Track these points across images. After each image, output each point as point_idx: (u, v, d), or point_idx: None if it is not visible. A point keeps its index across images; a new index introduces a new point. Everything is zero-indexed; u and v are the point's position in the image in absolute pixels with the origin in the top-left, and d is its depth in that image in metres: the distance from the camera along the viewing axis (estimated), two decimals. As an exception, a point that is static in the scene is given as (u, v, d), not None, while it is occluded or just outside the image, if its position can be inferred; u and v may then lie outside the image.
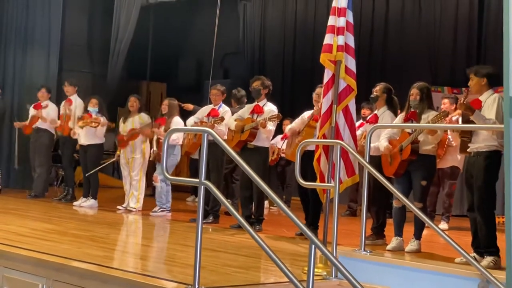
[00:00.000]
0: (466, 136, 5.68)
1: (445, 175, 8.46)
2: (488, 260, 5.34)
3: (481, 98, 5.66)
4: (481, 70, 5.73)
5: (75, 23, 14.05)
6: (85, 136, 9.80)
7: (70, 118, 10.22)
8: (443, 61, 12.33)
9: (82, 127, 9.71)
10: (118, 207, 9.38)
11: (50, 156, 10.81)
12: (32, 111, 10.59)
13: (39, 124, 10.59)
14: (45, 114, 10.37)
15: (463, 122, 6.03)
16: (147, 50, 15.84)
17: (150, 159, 9.33)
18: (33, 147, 10.70)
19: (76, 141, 9.99)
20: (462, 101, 5.56)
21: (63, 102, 10.58)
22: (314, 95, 7.39)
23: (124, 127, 9.47)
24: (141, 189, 9.36)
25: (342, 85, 5.25)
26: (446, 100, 8.43)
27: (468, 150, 5.72)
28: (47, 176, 10.99)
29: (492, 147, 5.51)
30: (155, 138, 9.25)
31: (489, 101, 5.56)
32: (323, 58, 5.27)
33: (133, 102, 9.49)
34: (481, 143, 5.57)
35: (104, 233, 7.12)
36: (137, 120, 9.41)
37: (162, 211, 9.02)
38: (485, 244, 5.48)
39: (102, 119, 9.70)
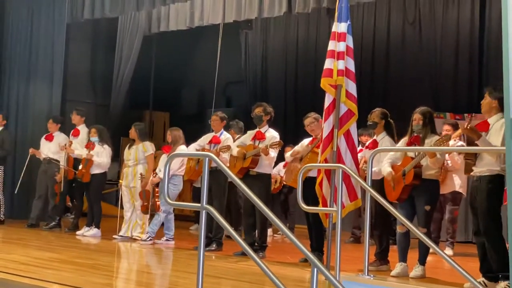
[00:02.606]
0: (470, 158, 5.67)
1: (446, 200, 8.44)
2: (501, 285, 5.27)
3: (490, 120, 5.64)
4: (495, 91, 5.66)
5: (78, 53, 14.14)
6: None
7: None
8: (445, 87, 12.37)
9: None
10: (114, 236, 9.34)
11: (65, 188, 10.72)
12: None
13: (51, 154, 10.60)
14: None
15: (468, 145, 6.01)
16: (150, 80, 15.91)
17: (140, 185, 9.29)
18: (44, 177, 10.67)
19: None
20: (466, 126, 5.54)
21: (70, 133, 10.60)
22: (307, 127, 7.42)
23: (128, 155, 9.50)
24: (145, 218, 9.33)
25: (343, 109, 5.27)
26: (448, 127, 8.42)
27: (472, 173, 5.71)
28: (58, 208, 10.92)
29: (495, 172, 5.49)
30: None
31: (497, 126, 5.52)
32: (324, 82, 5.30)
33: (131, 131, 9.54)
34: (484, 167, 5.56)
35: (107, 261, 7.09)
36: (140, 148, 9.43)
37: (167, 240, 8.99)
38: (497, 268, 5.41)
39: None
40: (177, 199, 10.08)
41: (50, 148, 10.66)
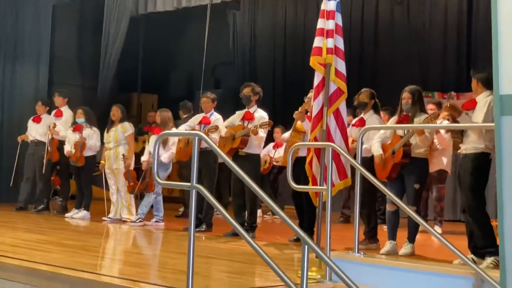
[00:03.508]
0: (457, 136, 5.70)
1: (433, 179, 8.48)
2: (488, 261, 5.31)
3: (477, 99, 5.67)
4: (476, 72, 5.73)
5: (64, 36, 14.02)
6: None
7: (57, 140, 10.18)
8: (433, 66, 12.39)
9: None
10: (104, 218, 9.32)
11: (48, 170, 10.65)
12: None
13: (38, 136, 10.54)
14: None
15: (452, 123, 6.04)
16: (138, 62, 15.82)
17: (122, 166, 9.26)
18: (31, 160, 10.61)
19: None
20: (446, 104, 5.58)
21: (52, 113, 10.53)
22: (305, 98, 7.40)
23: (108, 137, 9.46)
24: (131, 198, 9.31)
25: (333, 87, 5.24)
26: (432, 106, 8.43)
27: (458, 151, 5.73)
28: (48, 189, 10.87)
29: (479, 149, 5.51)
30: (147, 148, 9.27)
31: (481, 103, 5.56)
32: (313, 61, 5.27)
33: (114, 111, 9.48)
34: (469, 144, 5.58)
35: (96, 243, 7.08)
36: (120, 129, 9.38)
37: (157, 221, 8.99)
38: (482, 245, 5.45)
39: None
40: (166, 179, 10.05)
41: (37, 130, 10.60)
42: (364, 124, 6.93)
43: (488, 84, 5.53)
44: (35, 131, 10.63)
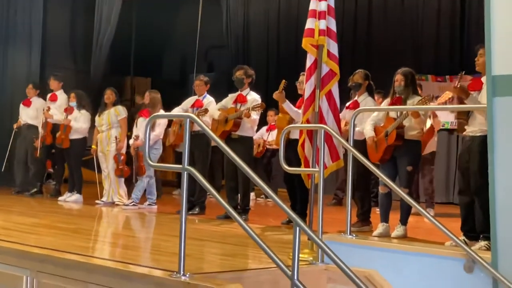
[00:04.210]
0: (463, 118, 5.64)
1: (426, 161, 8.48)
2: (481, 243, 5.31)
3: (483, 79, 5.60)
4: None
5: (56, 19, 13.92)
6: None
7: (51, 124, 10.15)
8: (427, 50, 12.36)
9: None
10: (97, 201, 9.31)
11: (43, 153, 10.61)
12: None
13: (29, 120, 10.49)
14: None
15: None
16: (131, 45, 15.74)
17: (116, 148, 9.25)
18: (23, 144, 10.58)
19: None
20: (456, 85, 5.52)
21: (47, 97, 10.48)
22: (297, 83, 7.38)
23: (100, 120, 9.43)
24: (120, 181, 9.29)
25: (325, 69, 5.23)
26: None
27: (464, 133, 5.69)
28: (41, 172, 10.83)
29: (486, 132, 5.46)
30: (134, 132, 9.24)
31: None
32: (305, 43, 5.25)
33: (109, 94, 9.45)
34: (476, 127, 5.53)
35: (89, 226, 7.07)
36: (113, 112, 9.36)
37: (150, 205, 8.98)
38: (481, 228, 5.44)
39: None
40: (159, 162, 10.04)
41: (28, 114, 10.55)
42: (358, 106, 6.92)
43: None
44: (26, 115, 10.58)
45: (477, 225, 5.49)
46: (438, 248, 4.88)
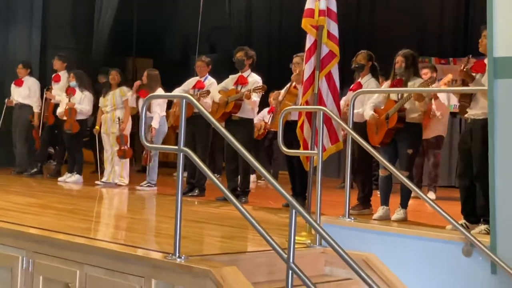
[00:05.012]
0: (465, 100, 5.55)
1: (430, 145, 8.42)
2: (481, 228, 5.26)
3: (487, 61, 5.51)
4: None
5: (57, -1, 13.82)
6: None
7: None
8: (431, 31, 12.24)
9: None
10: (97, 182, 9.28)
11: (31, 132, 10.58)
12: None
13: (21, 99, 10.45)
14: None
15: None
16: (132, 26, 15.61)
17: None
18: (17, 123, 10.56)
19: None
20: (462, 68, 5.43)
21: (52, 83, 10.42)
22: (291, 65, 7.33)
23: (105, 101, 9.38)
24: (124, 163, 9.25)
25: (325, 50, 5.16)
26: (425, 70, 8.32)
27: (466, 115, 5.62)
28: (29, 152, 10.77)
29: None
30: None
31: None
32: (305, 23, 5.18)
33: (114, 75, 9.41)
34: (479, 110, 5.44)
35: (87, 207, 7.05)
36: (118, 93, 9.33)
37: (149, 186, 8.95)
38: (482, 212, 5.38)
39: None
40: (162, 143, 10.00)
41: (20, 93, 10.50)
42: (361, 88, 6.84)
43: None
44: (18, 94, 10.52)
45: (478, 209, 5.43)
46: (436, 232, 4.83)
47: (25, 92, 10.47)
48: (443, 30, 12.08)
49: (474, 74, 5.42)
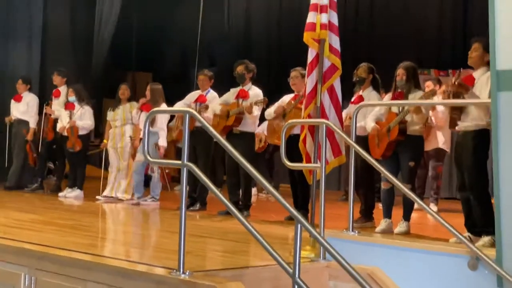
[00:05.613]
0: (456, 113, 5.57)
1: (430, 157, 8.43)
2: (484, 240, 5.24)
3: (475, 74, 5.52)
4: (479, 39, 5.43)
5: (57, 13, 13.80)
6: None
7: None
8: (429, 44, 12.27)
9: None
10: (98, 197, 9.24)
11: (25, 147, 10.55)
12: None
13: (19, 115, 10.45)
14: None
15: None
16: (132, 39, 15.66)
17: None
18: (14, 139, 10.54)
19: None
20: (454, 82, 5.44)
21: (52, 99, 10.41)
22: (290, 80, 7.35)
23: (114, 115, 9.35)
24: (130, 177, 9.23)
25: (327, 64, 5.17)
26: (429, 82, 8.35)
27: (456, 128, 5.63)
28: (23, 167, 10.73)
29: (480, 126, 5.42)
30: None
31: (483, 80, 5.40)
32: (307, 37, 5.18)
33: (124, 90, 9.43)
34: (470, 122, 5.47)
35: (89, 222, 7.01)
36: (128, 108, 9.32)
37: (153, 201, 8.93)
38: (481, 223, 5.38)
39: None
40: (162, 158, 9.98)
41: (18, 109, 10.50)
42: (362, 101, 6.84)
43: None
44: (16, 110, 10.53)
45: (477, 221, 5.42)
46: (441, 245, 4.81)
47: (23, 108, 10.46)
48: (442, 42, 12.12)
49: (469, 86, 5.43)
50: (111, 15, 12.76)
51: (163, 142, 8.76)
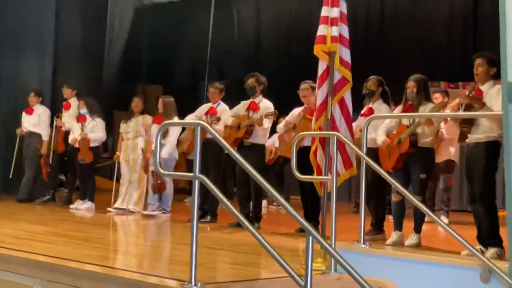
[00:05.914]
0: (466, 126, 5.58)
1: (440, 170, 8.40)
2: (492, 251, 5.24)
3: (483, 88, 5.55)
4: (494, 58, 5.50)
5: (68, 26, 13.88)
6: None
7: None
8: (439, 56, 12.27)
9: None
10: (109, 209, 9.26)
11: (38, 160, 10.61)
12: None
13: (31, 127, 10.52)
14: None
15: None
16: (142, 52, 15.74)
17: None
18: (26, 151, 10.61)
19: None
20: (468, 94, 5.46)
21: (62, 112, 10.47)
22: (300, 92, 7.38)
23: (127, 127, 9.39)
24: (142, 189, 9.26)
25: (337, 76, 5.18)
26: (437, 95, 8.34)
27: (466, 140, 5.64)
28: (35, 181, 10.77)
29: (491, 138, 5.42)
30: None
31: (493, 92, 5.43)
32: (317, 49, 5.20)
33: (137, 103, 9.48)
34: (481, 134, 5.48)
35: (100, 234, 7.04)
36: (141, 121, 9.36)
37: (163, 213, 8.95)
38: (488, 235, 5.38)
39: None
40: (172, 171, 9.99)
41: (29, 121, 10.58)
42: (372, 113, 6.85)
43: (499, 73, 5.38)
44: (27, 122, 10.61)
45: (484, 232, 5.41)
46: (453, 258, 4.80)
47: (34, 120, 10.53)
48: (452, 54, 12.12)
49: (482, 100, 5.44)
50: (122, 29, 12.86)
51: (164, 153, 8.74)
